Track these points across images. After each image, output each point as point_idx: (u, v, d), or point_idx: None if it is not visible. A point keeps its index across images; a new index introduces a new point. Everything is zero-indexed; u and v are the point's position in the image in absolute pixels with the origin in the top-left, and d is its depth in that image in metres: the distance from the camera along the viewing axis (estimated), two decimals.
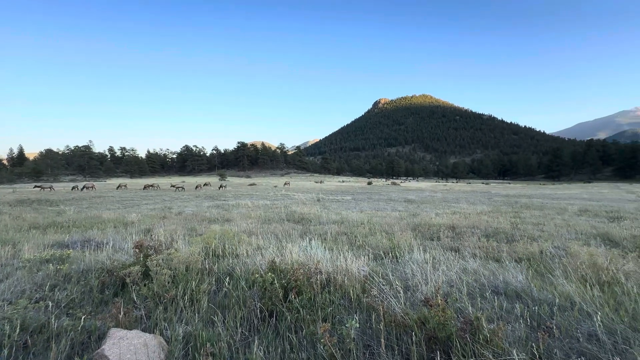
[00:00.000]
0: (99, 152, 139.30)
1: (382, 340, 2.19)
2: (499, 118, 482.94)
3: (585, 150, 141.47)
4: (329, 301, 2.93)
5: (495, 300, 3.26)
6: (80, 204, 19.20)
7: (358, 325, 2.32)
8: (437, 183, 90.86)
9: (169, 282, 3.27)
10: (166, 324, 2.79)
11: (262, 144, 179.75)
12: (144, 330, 2.67)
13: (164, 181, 72.94)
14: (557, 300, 3.13)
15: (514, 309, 2.90)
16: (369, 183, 70.59)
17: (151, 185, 38.69)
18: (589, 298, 3.11)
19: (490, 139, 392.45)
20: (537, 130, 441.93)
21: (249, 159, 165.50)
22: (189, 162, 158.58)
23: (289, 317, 2.67)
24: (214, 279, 3.90)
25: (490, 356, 2.01)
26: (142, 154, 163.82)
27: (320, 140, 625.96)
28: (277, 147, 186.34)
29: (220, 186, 40.33)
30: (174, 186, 38.56)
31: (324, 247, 5.78)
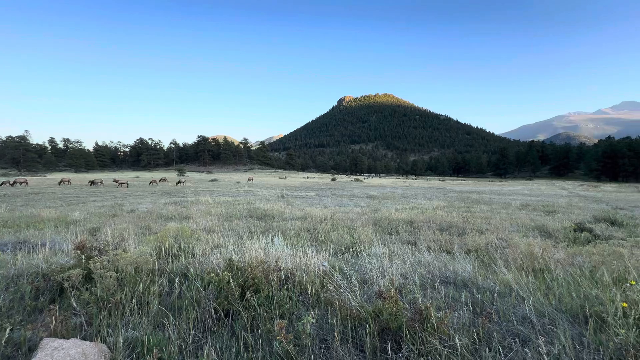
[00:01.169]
0: (37, 144, 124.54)
1: (336, 334, 2.23)
2: (455, 119, 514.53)
3: (527, 150, 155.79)
4: (287, 298, 2.91)
5: (445, 290, 3.47)
6: (13, 201, 17.16)
7: (314, 321, 2.34)
8: (397, 180, 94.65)
9: (114, 285, 3.03)
10: (110, 330, 2.59)
11: (225, 138, 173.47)
12: (84, 339, 2.45)
13: (114, 176, 67.67)
14: (497, 288, 3.41)
15: (461, 297, 3.11)
16: (333, 179, 71.54)
17: (93, 182, 33.64)
18: (525, 284, 3.43)
19: (446, 138, 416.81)
20: (487, 131, 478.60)
21: (210, 154, 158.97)
22: (144, 156, 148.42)
23: (245, 316, 2.61)
24: (166, 280, 3.70)
25: (437, 343, 2.14)
26: (89, 146, 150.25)
27: (284, 136, 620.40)
28: (240, 142, 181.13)
29: (179, 182, 38.26)
30: (116, 181, 34.31)
31: (286, 244, 5.76)
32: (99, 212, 12.35)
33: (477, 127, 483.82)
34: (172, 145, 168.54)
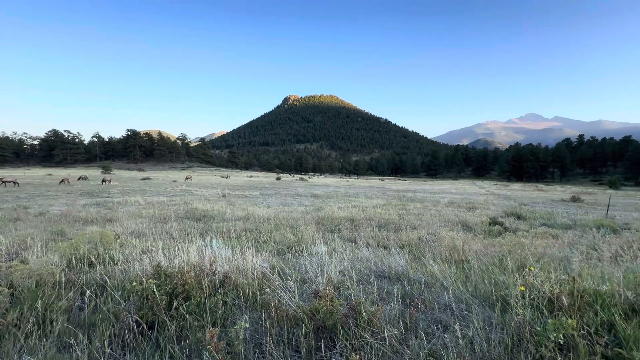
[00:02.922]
0: None
1: (269, 337, 2.18)
2: (393, 122, 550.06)
3: (454, 153, 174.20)
4: (221, 303, 2.76)
5: (381, 284, 3.66)
6: None
7: (248, 325, 2.25)
8: (341, 179, 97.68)
9: (5, 304, 2.53)
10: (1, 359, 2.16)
11: (159, 133, 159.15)
12: None
13: (17, 173, 57.46)
14: (425, 279, 3.70)
15: (394, 290, 3.30)
16: (278, 178, 70.86)
17: None
18: (448, 275, 3.79)
19: (385, 140, 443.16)
20: (421, 135, 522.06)
21: (142, 150, 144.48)
22: (59, 150, 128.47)
23: (172, 327, 2.40)
24: (79, 293, 3.23)
25: (369, 336, 2.23)
26: None
27: (227, 133, 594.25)
28: (178, 138, 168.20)
29: (104, 180, 34.01)
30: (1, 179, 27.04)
31: (226, 246, 5.49)
32: None
33: (412, 131, 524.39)
34: (95, 139, 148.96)
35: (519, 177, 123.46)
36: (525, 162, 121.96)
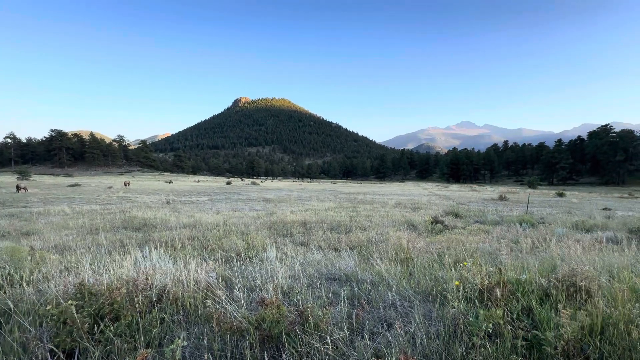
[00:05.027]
0: None
1: (209, 354, 2.04)
2: (344, 127, 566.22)
3: (400, 157, 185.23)
4: (158, 321, 2.51)
5: (331, 286, 3.68)
6: None
7: (186, 343, 2.08)
8: (294, 182, 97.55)
9: None
10: None
11: (92, 134, 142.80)
12: None
13: None
14: (372, 279, 3.81)
15: (342, 292, 3.33)
16: (229, 183, 68.29)
17: None
18: (394, 273, 3.95)
19: (337, 144, 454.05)
20: (371, 139, 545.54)
21: (69, 153, 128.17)
22: None
23: (97, 353, 2.11)
24: None
25: (316, 342, 2.21)
26: None
27: (172, 135, 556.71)
28: (114, 140, 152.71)
29: (19, 187, 29.42)
30: None
31: (168, 256, 5.07)
32: None
33: (362, 135, 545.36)
34: (9, 140, 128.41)
35: (456, 178, 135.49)
36: (462, 165, 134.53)
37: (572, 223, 10.41)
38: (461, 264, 3.76)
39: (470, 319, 2.39)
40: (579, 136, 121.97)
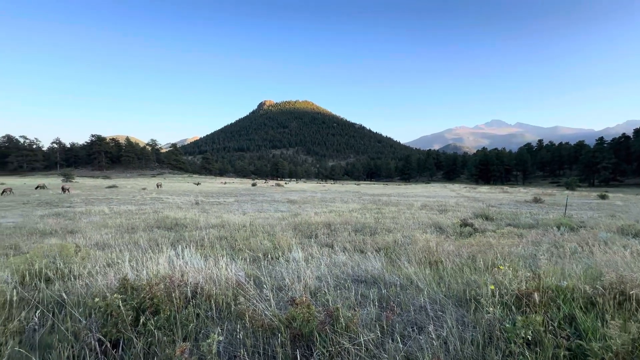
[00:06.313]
0: None
1: (244, 349, 2.10)
2: (368, 128, 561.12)
3: (426, 158, 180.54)
4: (193, 316, 2.63)
5: (357, 288, 3.66)
6: None
7: (222, 338, 2.16)
8: (317, 184, 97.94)
9: None
10: None
11: (127, 139, 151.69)
12: None
13: None
14: (401, 281, 3.75)
15: (370, 294, 3.31)
16: (254, 184, 69.80)
17: None
18: (423, 277, 3.86)
19: (360, 145, 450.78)
20: (395, 140, 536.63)
21: (108, 157, 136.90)
22: (13, 157, 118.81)
23: (139, 344, 2.25)
24: (34, 313, 2.96)
25: (346, 342, 2.22)
26: None
27: (201, 138, 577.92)
28: (147, 144, 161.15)
29: (64, 189, 31.78)
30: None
31: (199, 255, 5.28)
32: None
33: (386, 136, 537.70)
34: (55, 146, 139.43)
35: (486, 180, 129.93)
36: (492, 166, 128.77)
37: (617, 227, 9.66)
38: (495, 268, 3.61)
39: (507, 325, 2.29)
40: (624, 134, 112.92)
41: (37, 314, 2.69)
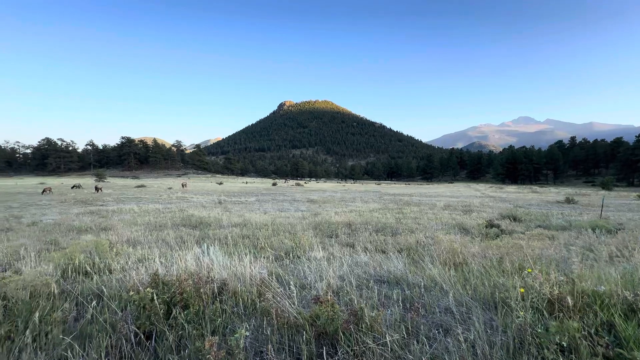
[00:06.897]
0: None
1: (270, 345, 2.15)
2: (388, 127, 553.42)
3: (449, 157, 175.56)
4: (220, 311, 2.72)
5: (380, 288, 3.64)
6: None
7: (248, 334, 2.22)
8: (337, 184, 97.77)
9: (0, 316, 2.48)
10: None
11: (154, 140, 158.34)
12: None
13: (9, 183, 56.71)
14: (424, 283, 3.69)
15: (393, 294, 3.28)
16: (274, 184, 70.74)
17: None
18: (447, 278, 3.78)
19: (381, 144, 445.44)
20: (416, 138, 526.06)
21: (136, 157, 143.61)
22: (52, 159, 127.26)
23: (171, 336, 2.36)
24: (75, 304, 3.17)
25: (370, 342, 2.21)
26: None
27: (223, 139, 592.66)
28: (173, 145, 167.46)
29: (97, 188, 33.66)
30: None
31: (223, 253, 5.44)
32: None
33: (407, 135, 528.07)
34: (89, 147, 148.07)
35: (513, 179, 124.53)
36: (520, 165, 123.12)
37: None
38: (525, 271, 3.48)
39: (539, 330, 2.20)
40: None
41: (82, 305, 2.87)
